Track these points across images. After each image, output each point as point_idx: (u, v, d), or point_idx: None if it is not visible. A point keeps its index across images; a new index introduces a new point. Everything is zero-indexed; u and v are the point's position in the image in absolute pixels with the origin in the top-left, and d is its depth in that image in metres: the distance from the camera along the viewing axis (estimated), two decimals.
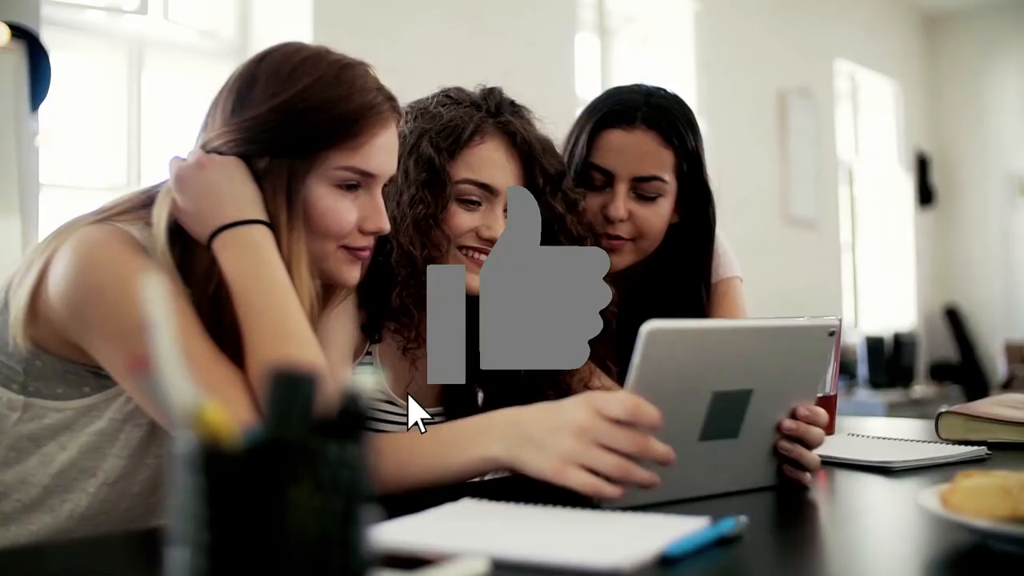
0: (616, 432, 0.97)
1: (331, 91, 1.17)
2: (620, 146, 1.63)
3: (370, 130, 1.19)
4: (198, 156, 1.16)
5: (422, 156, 1.37)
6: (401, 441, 1.16)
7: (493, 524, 0.91)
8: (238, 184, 1.14)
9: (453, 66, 4.57)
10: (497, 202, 1.40)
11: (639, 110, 1.64)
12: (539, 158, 1.41)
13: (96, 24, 3.91)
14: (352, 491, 0.55)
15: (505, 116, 1.42)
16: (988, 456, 1.36)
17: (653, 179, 1.63)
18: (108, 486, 1.17)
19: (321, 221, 1.19)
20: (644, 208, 1.64)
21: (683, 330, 1.01)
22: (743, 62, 6.11)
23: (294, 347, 1.08)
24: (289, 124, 1.15)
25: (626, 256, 1.67)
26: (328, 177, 1.18)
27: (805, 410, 1.14)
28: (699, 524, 0.88)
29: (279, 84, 1.16)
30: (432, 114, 1.41)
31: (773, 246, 6.25)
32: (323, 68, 1.18)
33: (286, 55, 1.19)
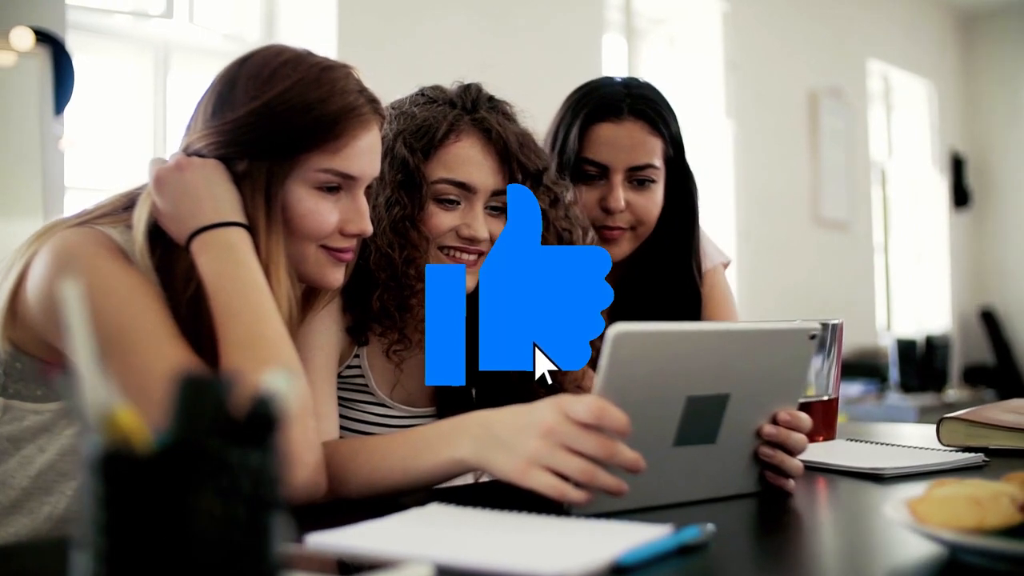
0: (583, 435, 0.95)
1: (311, 93, 1.16)
2: (612, 138, 1.68)
3: (351, 132, 1.18)
4: (177, 158, 1.16)
5: (396, 157, 1.36)
6: (374, 444, 1.15)
7: (450, 530, 0.90)
8: (217, 186, 1.14)
9: (479, 68, 4.56)
10: (476, 200, 1.39)
11: (624, 101, 1.70)
12: (516, 153, 1.40)
13: (122, 28, 3.95)
14: (257, 498, 0.55)
15: (481, 112, 1.40)
16: (985, 463, 1.32)
17: (647, 167, 1.69)
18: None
19: (301, 223, 1.18)
20: (640, 196, 1.70)
21: (651, 333, 0.99)
22: (772, 63, 6.06)
23: (267, 350, 1.08)
24: (268, 126, 1.15)
25: (625, 245, 1.73)
26: (308, 179, 1.18)
27: (786, 415, 1.11)
28: (661, 532, 0.86)
29: (259, 86, 1.16)
30: (407, 114, 1.40)
31: (804, 247, 6.19)
32: (303, 70, 1.17)
33: (267, 57, 1.19)
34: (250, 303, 1.09)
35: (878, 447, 1.44)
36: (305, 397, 1.09)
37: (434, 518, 0.94)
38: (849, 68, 6.69)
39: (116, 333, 1.06)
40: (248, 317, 1.09)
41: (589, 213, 1.68)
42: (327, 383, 1.29)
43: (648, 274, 1.76)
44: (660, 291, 1.75)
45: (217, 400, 0.56)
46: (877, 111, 7.16)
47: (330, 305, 1.34)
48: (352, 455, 1.14)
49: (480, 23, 4.57)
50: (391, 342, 1.37)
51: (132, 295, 1.08)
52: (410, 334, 1.38)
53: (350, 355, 1.40)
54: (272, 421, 0.56)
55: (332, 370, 1.32)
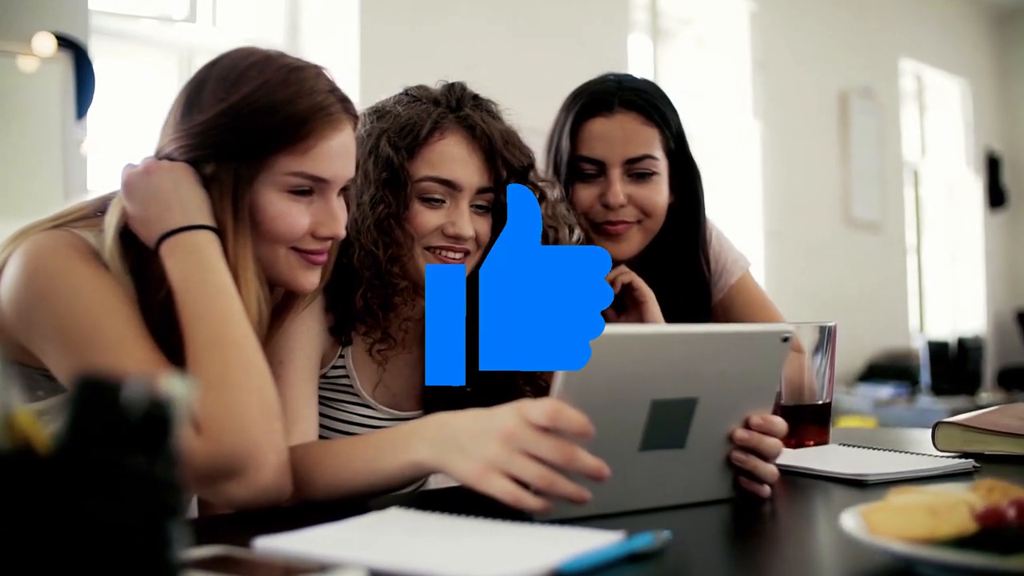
0: (542, 440, 0.94)
1: (278, 94, 1.16)
2: (604, 132, 1.65)
3: (319, 132, 1.18)
4: (146, 162, 1.16)
5: (381, 156, 1.35)
6: (339, 447, 1.14)
7: (398, 535, 0.89)
8: (185, 190, 1.14)
9: (503, 69, 4.55)
10: (461, 198, 1.38)
11: (615, 95, 1.67)
12: (501, 151, 1.39)
13: (145, 33, 3.99)
14: (152, 504, 0.54)
15: (465, 110, 1.40)
16: (976, 469, 1.29)
17: (644, 158, 1.66)
18: None
19: (271, 226, 1.18)
20: (642, 188, 1.66)
21: (610, 336, 0.97)
22: (801, 63, 6.00)
23: (233, 352, 1.07)
24: (234, 128, 1.15)
25: (634, 240, 1.69)
26: (278, 183, 1.17)
27: (759, 419, 1.09)
28: (611, 539, 0.84)
29: (226, 89, 1.16)
30: (391, 113, 1.40)
31: (835, 248, 6.12)
32: (271, 71, 1.17)
33: (236, 60, 1.19)
34: (216, 306, 1.09)
35: (869, 452, 1.41)
36: (270, 400, 1.09)
37: (388, 523, 0.94)
38: (880, 67, 6.61)
39: (83, 335, 1.07)
40: (213, 320, 1.09)
41: (590, 211, 1.66)
42: (306, 385, 1.29)
43: (656, 271, 1.71)
44: (668, 287, 1.69)
45: (114, 404, 0.55)
46: (910, 111, 7.06)
47: (313, 305, 1.34)
48: (318, 458, 1.13)
49: (503, 24, 4.57)
50: (374, 340, 1.37)
51: (100, 298, 1.08)
52: (394, 333, 1.37)
53: (334, 356, 1.40)
54: (167, 425, 0.55)
55: (312, 372, 1.32)
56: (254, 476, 1.04)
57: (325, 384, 1.41)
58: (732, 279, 1.80)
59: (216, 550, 0.81)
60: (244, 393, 1.05)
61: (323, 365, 1.39)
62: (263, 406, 1.07)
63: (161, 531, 0.55)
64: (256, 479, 1.04)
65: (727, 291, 1.80)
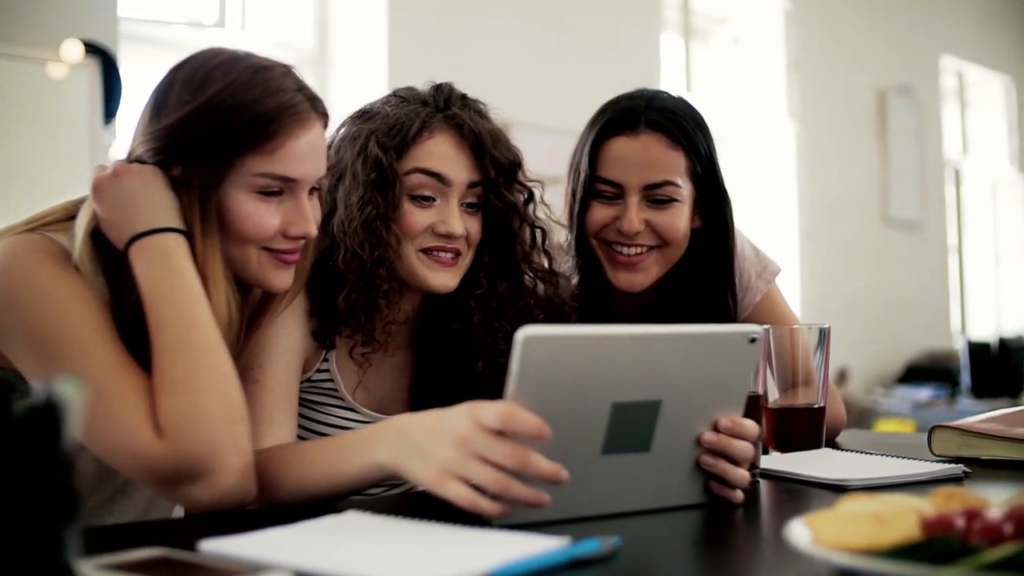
0: (495, 444, 0.93)
1: (243, 95, 1.16)
2: (626, 154, 1.58)
3: (287, 132, 1.17)
4: (115, 166, 1.17)
5: (369, 156, 1.35)
6: (304, 450, 1.14)
7: (340, 539, 0.89)
8: (153, 193, 1.15)
9: (532, 70, 4.55)
10: (451, 195, 1.37)
11: (642, 115, 1.58)
12: (489, 148, 1.38)
13: (175, 39, 4.03)
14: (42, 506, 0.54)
15: (453, 109, 1.39)
16: (967, 474, 1.26)
17: (665, 184, 1.57)
18: None
19: (240, 227, 1.18)
20: (660, 214, 1.58)
21: (563, 337, 0.96)
22: (837, 61, 5.93)
23: (197, 355, 1.08)
24: (200, 130, 1.15)
25: (652, 269, 1.61)
26: (246, 184, 1.17)
27: (728, 422, 1.07)
28: (555, 544, 0.83)
29: (192, 91, 1.16)
30: (379, 114, 1.39)
31: (872, 248, 6.04)
32: (236, 72, 1.17)
33: (203, 60, 1.19)
34: (181, 309, 1.10)
35: (859, 457, 1.38)
36: (235, 404, 1.09)
37: (338, 526, 0.93)
38: (920, 65, 6.51)
39: (51, 339, 1.08)
40: (179, 323, 1.09)
41: (603, 231, 1.60)
42: (284, 389, 1.29)
43: (679, 302, 1.65)
44: (691, 316, 1.59)
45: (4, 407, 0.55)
46: (951, 108, 6.94)
47: (295, 309, 1.34)
48: (284, 461, 1.13)
49: (532, 24, 4.55)
50: (356, 343, 1.36)
51: (69, 302, 1.09)
52: (378, 336, 1.37)
53: (318, 359, 1.40)
54: (58, 429, 0.55)
55: (291, 376, 1.31)
56: (216, 479, 1.04)
57: (309, 387, 1.41)
58: (757, 296, 1.74)
59: (155, 552, 0.81)
60: (207, 396, 1.06)
61: (307, 369, 1.39)
62: (227, 409, 1.07)
63: (53, 535, 0.55)
64: (218, 482, 1.04)
65: (752, 310, 1.73)
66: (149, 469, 1.04)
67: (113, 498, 1.24)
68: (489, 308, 1.42)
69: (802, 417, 1.47)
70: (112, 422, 1.04)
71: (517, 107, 4.29)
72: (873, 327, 5.97)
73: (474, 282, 1.43)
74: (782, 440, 1.46)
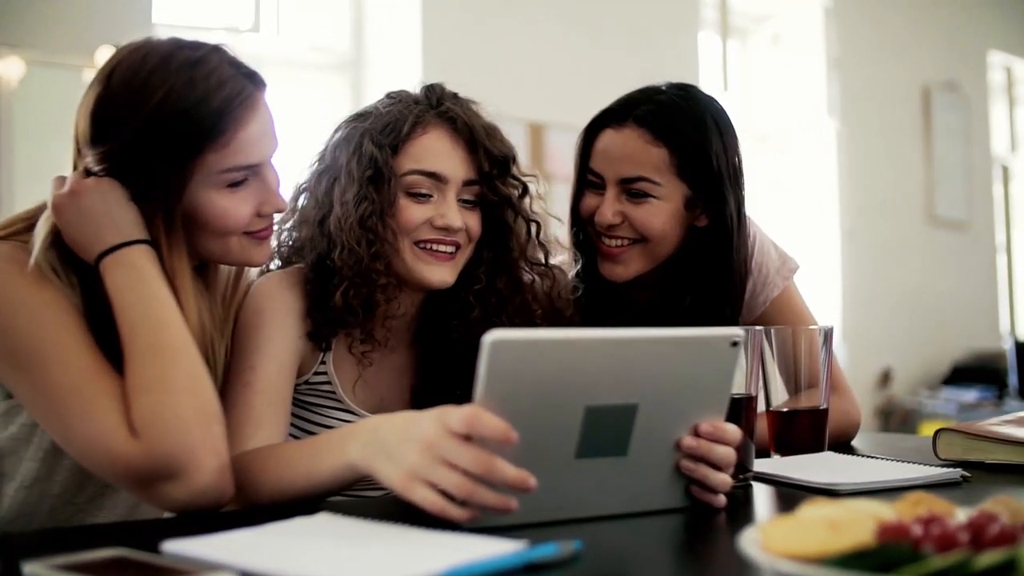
0: (461, 449, 0.92)
1: (186, 99, 1.15)
2: (608, 146, 1.59)
3: (238, 122, 1.18)
4: (72, 183, 1.17)
5: (364, 154, 1.36)
6: (281, 451, 1.15)
7: (299, 540, 0.89)
8: (114, 207, 1.16)
9: (567, 71, 4.53)
10: (448, 190, 1.38)
11: (636, 108, 1.57)
12: (483, 142, 1.39)
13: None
14: None
15: (446, 105, 1.40)
16: (966, 479, 1.23)
17: (639, 179, 1.55)
18: (26, 489, 1.21)
19: (219, 223, 1.20)
20: (636, 209, 1.57)
21: (530, 341, 0.95)
22: (880, 58, 5.84)
23: (168, 357, 1.09)
24: (152, 146, 1.15)
25: (632, 263, 1.60)
26: (212, 182, 1.19)
27: (708, 426, 1.05)
28: (511, 548, 0.83)
29: (133, 104, 1.14)
30: (373, 114, 1.41)
31: (917, 248, 5.94)
32: (172, 75, 1.15)
33: (133, 69, 1.16)
34: (151, 315, 1.11)
35: (858, 460, 1.36)
36: (207, 404, 1.10)
37: (303, 528, 0.94)
38: (966, 61, 6.39)
39: (27, 346, 1.09)
40: (148, 328, 1.11)
41: (591, 222, 1.61)
42: (276, 391, 1.29)
43: (679, 296, 1.62)
44: (692, 315, 1.59)
45: None
46: (999, 105, 6.81)
47: (289, 312, 1.35)
48: (263, 462, 1.14)
49: (566, 24, 4.54)
50: (354, 339, 1.37)
51: (41, 310, 1.11)
52: (377, 334, 1.37)
53: (315, 362, 1.40)
54: None
55: (284, 378, 1.32)
56: (192, 478, 1.05)
57: (307, 390, 1.42)
58: (774, 292, 1.71)
59: (113, 552, 0.82)
60: (178, 395, 1.07)
61: (304, 371, 1.40)
62: (198, 409, 1.08)
63: None
64: (194, 480, 1.05)
65: (768, 306, 1.71)
66: (125, 470, 1.05)
67: (102, 493, 1.26)
68: (488, 304, 1.43)
69: (803, 420, 1.45)
70: (87, 425, 1.06)
71: (552, 108, 4.32)
72: (918, 328, 5.88)
73: (473, 278, 1.44)
74: (783, 443, 1.44)
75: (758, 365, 1.29)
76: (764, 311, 1.71)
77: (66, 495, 1.23)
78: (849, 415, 1.64)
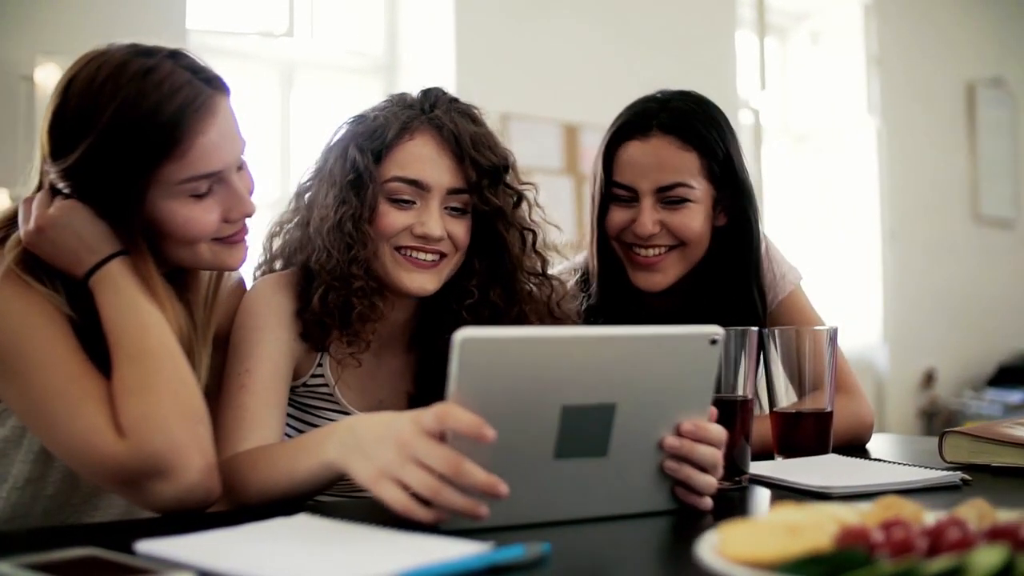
0: (431, 449, 0.92)
1: (139, 109, 1.13)
2: (638, 158, 1.60)
3: (194, 130, 1.15)
4: (36, 218, 1.17)
5: (348, 158, 1.37)
6: (267, 452, 1.16)
7: (268, 541, 0.90)
8: (82, 229, 1.16)
9: (602, 71, 4.51)
10: (431, 198, 1.38)
11: (655, 117, 1.61)
12: (469, 150, 1.38)
13: (244, 49, 4.12)
14: None
15: (436, 112, 1.40)
16: (966, 482, 1.21)
17: (677, 186, 1.59)
18: (18, 489, 1.23)
19: (183, 232, 1.19)
20: (674, 215, 1.59)
21: (503, 339, 0.95)
22: (922, 54, 5.74)
23: (151, 360, 1.10)
24: (108, 158, 1.14)
25: (670, 270, 1.63)
26: (173, 193, 1.17)
27: (691, 426, 1.04)
28: (476, 549, 0.83)
29: (86, 118, 1.14)
30: (364, 117, 1.42)
31: (961, 247, 5.84)
32: (124, 84, 1.13)
33: (87, 77, 1.15)
34: (132, 321, 1.13)
35: (859, 463, 1.34)
36: (191, 404, 1.11)
37: (279, 529, 0.95)
38: (1014, 56, 6.25)
39: (14, 350, 1.11)
40: (132, 333, 1.12)
41: (622, 234, 1.62)
42: (271, 393, 1.30)
43: (704, 302, 1.65)
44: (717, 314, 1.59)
45: None
46: None
47: (281, 313, 1.36)
48: (253, 462, 1.15)
49: (601, 24, 4.52)
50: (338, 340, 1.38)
51: (27, 314, 1.12)
52: (362, 335, 1.37)
53: (312, 364, 1.41)
54: None
55: (279, 380, 1.32)
56: (179, 476, 1.06)
57: (305, 392, 1.43)
58: (781, 295, 1.72)
59: (84, 551, 0.83)
60: (162, 396, 1.08)
61: (302, 373, 1.41)
62: (183, 409, 1.09)
63: None
64: (181, 479, 1.06)
65: (775, 307, 1.72)
66: (112, 470, 1.07)
67: (96, 494, 1.28)
68: (482, 317, 1.42)
69: (807, 422, 1.43)
70: (75, 426, 1.08)
71: (587, 108, 4.31)
72: (962, 328, 5.77)
73: (465, 291, 1.43)
74: (787, 445, 1.43)
75: (754, 366, 1.28)
76: (770, 314, 1.71)
77: (60, 496, 1.25)
78: (860, 417, 1.62)
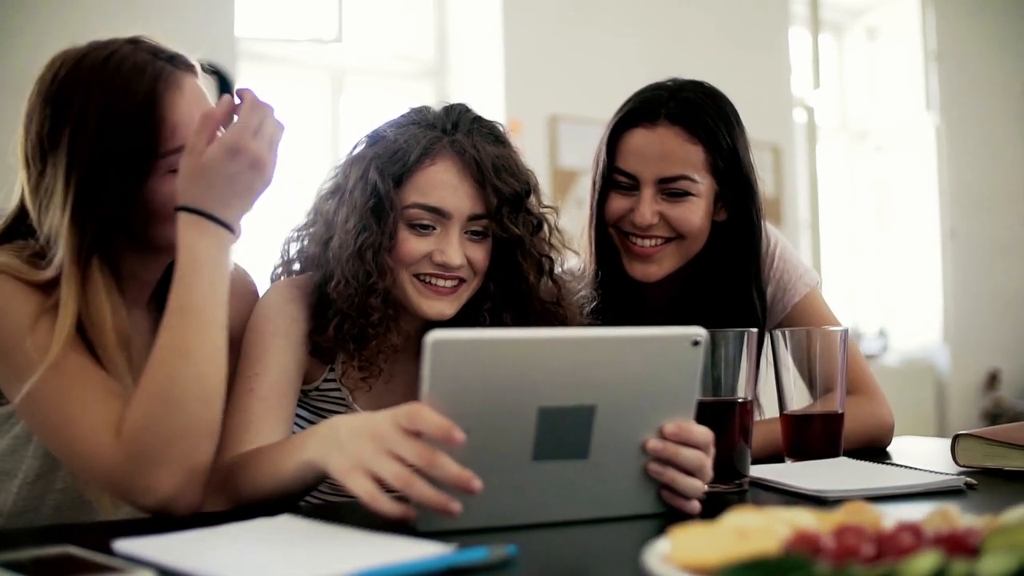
0: (405, 442, 0.93)
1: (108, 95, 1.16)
2: (642, 146, 1.58)
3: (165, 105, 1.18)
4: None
5: (368, 182, 1.35)
6: (256, 453, 1.17)
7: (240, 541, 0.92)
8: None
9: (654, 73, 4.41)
10: (451, 225, 1.36)
11: (663, 106, 1.58)
12: (491, 178, 1.36)
13: (293, 56, 4.17)
14: None
15: (458, 135, 1.37)
16: (969, 487, 1.18)
17: (679, 178, 1.56)
18: (28, 485, 1.26)
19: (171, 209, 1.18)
20: (674, 207, 1.57)
21: (474, 341, 0.95)
22: (982, 49, 5.63)
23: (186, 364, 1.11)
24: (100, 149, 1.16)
25: (667, 261, 1.61)
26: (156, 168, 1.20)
27: (674, 428, 1.03)
28: (437, 551, 0.83)
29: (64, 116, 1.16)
30: (384, 139, 1.39)
31: (1020, 248, 5.68)
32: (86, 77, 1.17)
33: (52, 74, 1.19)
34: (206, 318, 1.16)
35: (864, 466, 1.31)
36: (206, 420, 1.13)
37: (256, 529, 0.96)
38: None
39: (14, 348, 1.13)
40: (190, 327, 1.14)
41: (620, 221, 1.61)
42: (278, 399, 1.31)
43: (700, 297, 1.64)
44: (716, 311, 1.58)
45: None
46: None
47: (292, 331, 1.36)
48: (244, 464, 1.16)
49: (651, 24, 4.50)
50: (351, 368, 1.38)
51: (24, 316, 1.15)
52: (375, 359, 1.38)
53: (324, 369, 1.42)
54: None
55: (287, 386, 1.34)
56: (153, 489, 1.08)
57: (318, 396, 1.44)
58: (796, 298, 1.69)
59: (59, 550, 0.86)
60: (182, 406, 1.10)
61: (314, 379, 1.42)
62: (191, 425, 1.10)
63: None
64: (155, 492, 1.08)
65: (790, 310, 1.69)
66: (98, 471, 1.09)
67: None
68: None
69: (817, 425, 1.41)
70: (71, 425, 1.10)
71: None
72: None
73: (478, 313, 1.42)
74: (796, 448, 1.41)
75: (754, 367, 1.26)
76: (785, 316, 1.69)
77: (70, 491, 1.28)
78: (880, 419, 1.60)
